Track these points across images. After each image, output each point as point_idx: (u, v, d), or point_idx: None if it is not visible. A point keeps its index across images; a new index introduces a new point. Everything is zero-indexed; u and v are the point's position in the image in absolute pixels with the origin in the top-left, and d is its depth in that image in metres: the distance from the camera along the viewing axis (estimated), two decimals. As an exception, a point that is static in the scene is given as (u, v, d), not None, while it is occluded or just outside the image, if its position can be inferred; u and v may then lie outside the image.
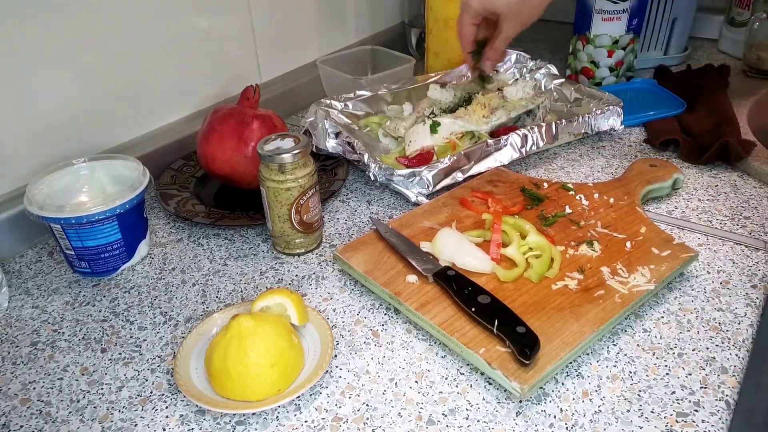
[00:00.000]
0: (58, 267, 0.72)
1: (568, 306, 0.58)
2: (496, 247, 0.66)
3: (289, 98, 1.05)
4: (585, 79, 1.09)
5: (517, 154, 0.83)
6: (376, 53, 1.10)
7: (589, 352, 0.57)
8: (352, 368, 0.57)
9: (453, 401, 0.53)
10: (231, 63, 0.97)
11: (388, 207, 0.81)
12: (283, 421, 0.52)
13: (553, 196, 0.75)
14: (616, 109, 0.90)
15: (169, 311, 0.65)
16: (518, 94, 0.92)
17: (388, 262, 0.65)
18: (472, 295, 0.57)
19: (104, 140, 0.83)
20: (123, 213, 0.67)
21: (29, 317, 0.65)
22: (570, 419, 0.51)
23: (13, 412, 0.54)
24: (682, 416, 0.51)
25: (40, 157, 0.76)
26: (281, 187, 0.67)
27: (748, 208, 0.76)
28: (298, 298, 0.58)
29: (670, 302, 0.62)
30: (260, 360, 0.51)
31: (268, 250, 0.73)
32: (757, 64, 1.11)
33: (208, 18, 0.91)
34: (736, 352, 0.56)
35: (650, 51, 1.19)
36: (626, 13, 1.01)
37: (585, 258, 0.65)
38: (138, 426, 0.52)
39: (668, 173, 0.78)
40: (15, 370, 0.58)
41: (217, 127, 0.77)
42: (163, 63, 0.87)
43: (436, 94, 0.93)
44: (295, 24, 1.06)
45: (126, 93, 0.83)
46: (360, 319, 0.62)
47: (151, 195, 0.83)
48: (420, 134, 0.84)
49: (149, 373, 0.57)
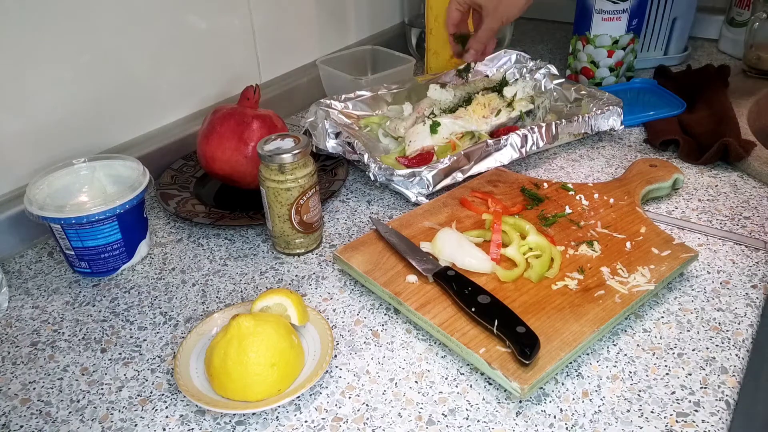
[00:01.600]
0: (58, 267, 0.72)
1: (568, 306, 0.58)
2: (496, 247, 0.66)
3: (289, 98, 1.05)
4: (585, 79, 1.09)
5: (517, 154, 0.83)
6: (376, 53, 1.10)
7: (589, 352, 0.57)
8: (352, 368, 0.57)
9: (453, 401, 0.53)
10: (231, 63, 0.97)
11: (388, 207, 0.81)
12: (283, 421, 0.52)
13: (553, 196, 0.75)
14: (616, 109, 0.90)
15: (169, 311, 0.65)
16: (518, 94, 0.93)
17: (388, 262, 0.65)
18: (472, 295, 0.57)
19: (104, 140, 0.83)
20: (123, 213, 0.67)
21: (29, 317, 0.65)
22: (570, 419, 0.51)
23: (13, 412, 0.54)
24: (682, 416, 0.51)
25: (40, 157, 0.76)
26: (281, 187, 0.67)
27: (748, 208, 0.76)
28: (298, 298, 0.58)
29: (670, 302, 0.62)
30: (260, 360, 0.51)
31: (268, 250, 0.73)
32: (757, 64, 1.11)
33: (208, 18, 0.91)
34: (736, 352, 0.56)
35: (650, 51, 1.19)
36: (626, 13, 1.01)
37: (585, 258, 0.65)
38: (138, 426, 0.52)
39: (668, 173, 0.78)
40: (15, 370, 0.58)
41: (217, 127, 0.77)
42: (163, 63, 0.87)
43: (436, 94, 0.93)
44: (295, 24, 1.06)
45: (126, 93, 0.83)
46: (360, 319, 0.62)
47: (151, 195, 0.83)
48: (420, 134, 0.84)
49: (149, 373, 0.57)
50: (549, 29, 1.42)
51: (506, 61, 1.05)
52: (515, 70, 1.04)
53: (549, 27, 1.43)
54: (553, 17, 1.47)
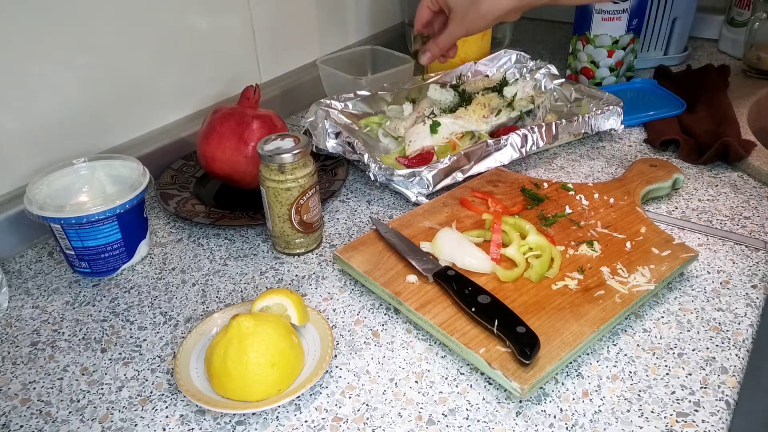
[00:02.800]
0: (58, 267, 0.72)
1: (568, 306, 0.58)
2: (496, 247, 0.66)
3: (289, 98, 1.05)
4: (585, 79, 1.09)
5: (517, 154, 0.83)
6: (376, 53, 1.10)
7: (589, 352, 0.57)
8: (352, 368, 0.57)
9: (453, 401, 0.53)
10: (231, 63, 0.97)
11: (388, 207, 0.81)
12: (283, 421, 0.52)
13: (553, 196, 0.75)
14: (616, 109, 0.90)
15: (169, 311, 0.65)
16: (518, 94, 0.93)
17: (388, 262, 0.65)
18: (472, 295, 0.57)
19: (104, 140, 0.83)
20: (123, 213, 0.67)
21: (29, 317, 0.65)
22: (570, 419, 0.51)
23: (13, 412, 0.54)
24: (682, 416, 0.51)
25: (40, 157, 0.76)
26: (281, 187, 0.67)
27: (748, 208, 0.76)
28: (298, 298, 0.58)
29: (670, 302, 0.62)
30: (260, 360, 0.51)
31: (268, 250, 0.73)
32: (757, 64, 1.11)
33: (208, 18, 0.91)
34: (736, 352, 0.56)
35: (650, 51, 1.19)
36: (626, 13, 1.01)
37: (585, 258, 0.65)
38: (138, 426, 0.52)
39: (668, 173, 0.78)
40: (15, 370, 0.58)
41: (217, 127, 0.77)
42: (163, 63, 0.87)
43: (436, 94, 0.93)
44: (295, 24, 1.06)
45: (126, 93, 0.83)
46: (360, 319, 0.62)
47: (151, 195, 0.83)
48: (420, 134, 0.84)
49: (149, 373, 0.57)
50: (549, 29, 1.42)
51: (506, 61, 1.05)
52: (515, 70, 1.04)
53: (549, 27, 1.43)
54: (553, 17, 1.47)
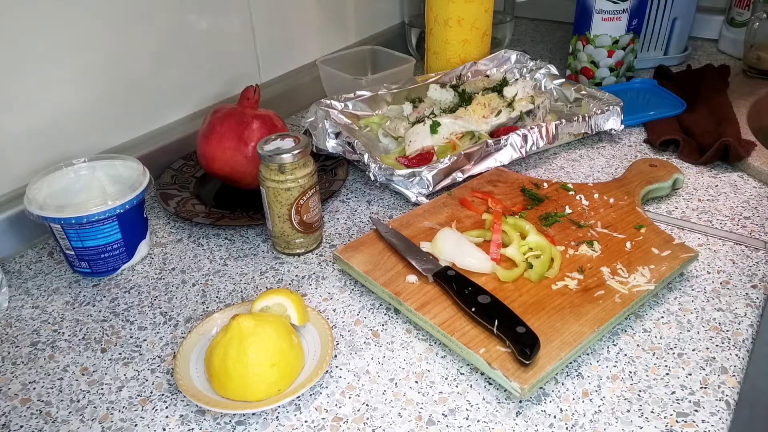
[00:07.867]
0: (58, 267, 0.72)
1: (568, 306, 0.58)
2: (496, 247, 0.66)
3: (289, 98, 1.05)
4: (585, 79, 1.09)
5: (517, 154, 0.83)
6: (376, 53, 1.10)
7: (589, 352, 0.57)
8: (352, 368, 0.57)
9: (453, 401, 0.53)
10: (231, 63, 0.97)
11: (388, 207, 0.81)
12: (283, 421, 0.52)
13: (553, 196, 0.75)
14: (616, 109, 0.90)
15: (169, 311, 0.65)
16: (518, 94, 0.93)
17: (388, 262, 0.65)
18: (472, 295, 0.57)
19: (104, 140, 0.83)
20: (123, 213, 0.67)
21: (29, 317, 0.65)
22: (570, 419, 0.51)
23: (13, 412, 0.54)
24: (682, 416, 0.51)
25: (40, 157, 0.76)
26: (281, 187, 0.67)
27: (748, 208, 0.76)
28: (298, 298, 0.58)
29: (670, 302, 0.62)
30: (260, 360, 0.51)
31: (268, 250, 0.73)
32: (757, 64, 1.11)
33: (208, 18, 0.91)
34: (736, 352, 0.56)
35: (650, 51, 1.19)
36: (626, 13, 1.01)
37: (585, 258, 0.65)
38: (138, 426, 0.52)
39: (668, 173, 0.78)
40: (15, 370, 0.58)
41: (217, 127, 0.77)
42: (163, 63, 0.87)
43: (436, 94, 0.93)
44: (295, 24, 1.06)
45: (126, 93, 0.83)
46: (360, 319, 0.62)
47: (151, 195, 0.83)
48: (420, 134, 0.84)
49: (149, 373, 0.57)
50: (549, 29, 1.42)
51: (506, 61, 1.05)
52: (515, 70, 1.04)
53: (549, 27, 1.43)
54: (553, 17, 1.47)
